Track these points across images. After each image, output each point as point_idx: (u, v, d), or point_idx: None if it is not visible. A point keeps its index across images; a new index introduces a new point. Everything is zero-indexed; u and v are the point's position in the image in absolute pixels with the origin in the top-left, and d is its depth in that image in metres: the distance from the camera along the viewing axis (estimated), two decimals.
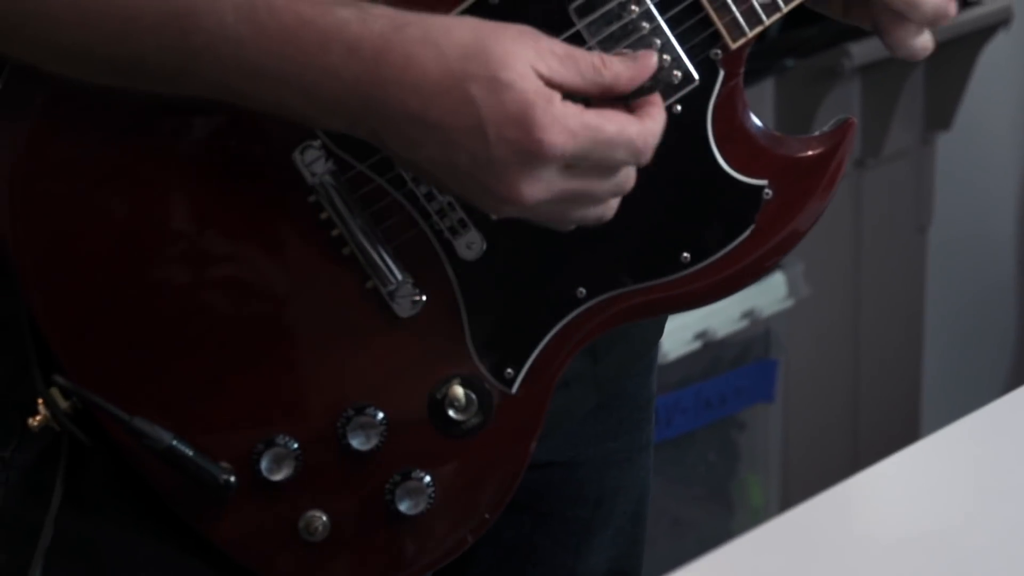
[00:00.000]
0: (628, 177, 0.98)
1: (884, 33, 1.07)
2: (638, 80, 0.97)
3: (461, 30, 0.94)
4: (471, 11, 1.00)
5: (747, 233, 1.05)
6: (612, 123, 0.95)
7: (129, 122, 1.01)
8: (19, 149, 1.01)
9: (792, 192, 1.05)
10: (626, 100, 0.97)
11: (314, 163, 1.01)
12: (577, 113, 0.94)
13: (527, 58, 0.94)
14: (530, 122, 0.93)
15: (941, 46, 3.17)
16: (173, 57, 0.95)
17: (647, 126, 0.97)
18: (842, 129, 1.07)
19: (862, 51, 2.60)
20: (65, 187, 1.01)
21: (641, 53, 0.98)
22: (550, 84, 0.94)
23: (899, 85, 2.85)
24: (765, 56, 2.55)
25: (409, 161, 0.97)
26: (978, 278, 3.32)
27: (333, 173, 1.01)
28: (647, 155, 0.97)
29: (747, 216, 1.05)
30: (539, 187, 0.95)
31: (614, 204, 0.99)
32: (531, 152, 0.93)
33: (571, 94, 0.95)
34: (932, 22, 1.05)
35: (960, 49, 2.87)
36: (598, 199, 0.98)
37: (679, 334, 2.49)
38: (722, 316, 2.55)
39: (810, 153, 1.06)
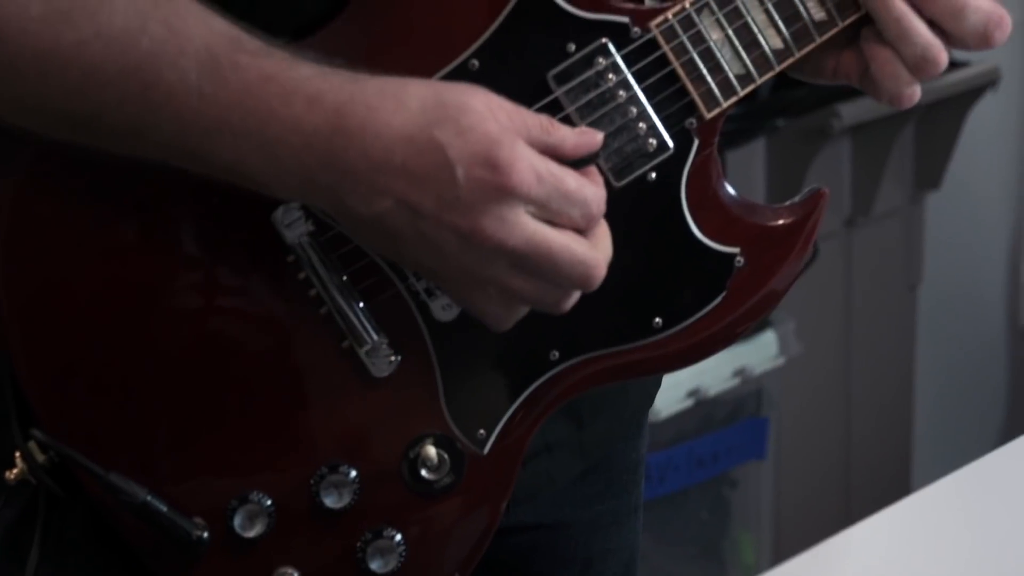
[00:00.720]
0: (588, 263, 0.98)
1: (874, 79, 1.07)
2: (582, 150, 0.98)
3: (416, 85, 0.96)
4: (451, 76, 1.02)
5: (718, 300, 1.06)
6: (572, 178, 0.97)
7: (111, 181, 1.02)
8: (2, 205, 1.03)
9: (763, 260, 1.07)
10: (573, 167, 0.99)
11: (293, 223, 1.02)
12: (542, 158, 0.96)
13: (482, 107, 0.95)
14: (497, 160, 0.94)
15: (930, 106, 3.20)
16: (132, 112, 0.95)
17: (598, 191, 0.98)
18: (813, 199, 1.08)
19: (852, 111, 2.63)
20: (47, 244, 1.03)
21: (589, 129, 1.00)
22: None
23: (889, 145, 2.87)
24: (756, 116, 2.57)
25: (367, 219, 0.96)
26: (968, 336, 3.32)
27: (312, 233, 1.02)
28: (596, 220, 0.98)
29: (719, 283, 1.06)
30: (503, 227, 0.95)
31: (571, 298, 1.00)
32: (499, 188, 0.94)
33: None
34: (922, 61, 1.05)
35: (949, 109, 2.89)
36: (556, 272, 0.97)
37: (671, 392, 2.50)
38: (714, 374, 2.56)
39: (781, 222, 1.08)
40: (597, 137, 0.99)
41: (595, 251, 0.98)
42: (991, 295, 3.37)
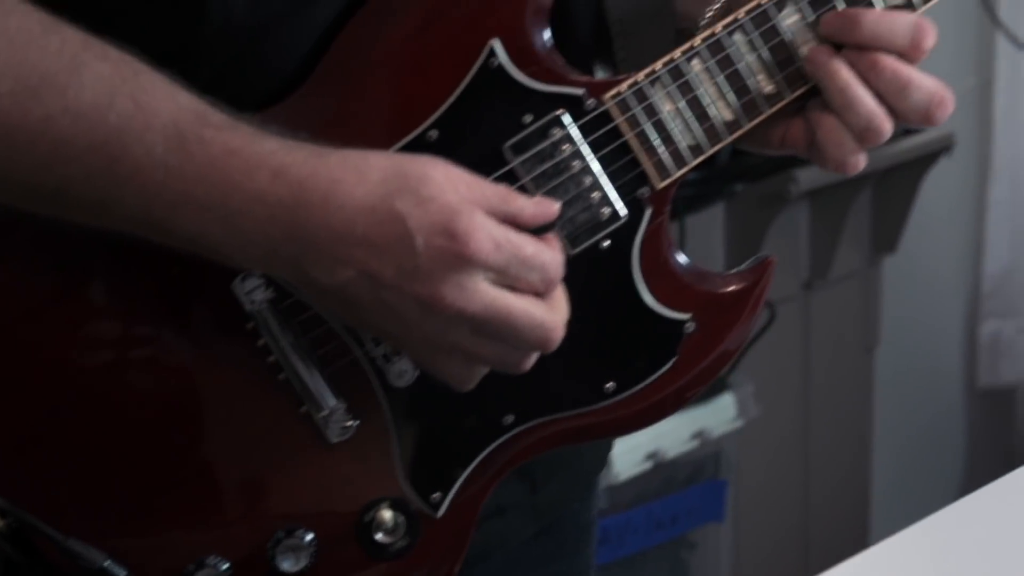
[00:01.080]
0: (546, 325, 1.00)
1: (820, 147, 1.09)
2: (539, 219, 1.00)
3: (377, 158, 0.99)
4: (411, 146, 1.04)
5: (670, 364, 1.08)
6: (530, 244, 0.99)
7: (71, 249, 1.03)
8: None
9: (713, 326, 1.09)
10: (531, 234, 1.00)
11: (253, 291, 1.04)
12: (500, 226, 0.98)
13: (441, 178, 0.98)
14: (457, 229, 0.96)
15: (886, 171, 3.23)
16: (99, 185, 0.97)
17: (556, 256, 1.00)
18: (762, 266, 1.10)
19: (809, 176, 2.65)
20: (4, 312, 1.04)
21: (546, 199, 1.02)
22: None
23: (846, 209, 2.89)
24: (715, 181, 2.59)
25: (329, 289, 0.98)
26: (925, 398, 3.34)
27: (271, 301, 1.04)
28: (554, 284, 1.00)
29: (670, 348, 1.08)
30: (462, 295, 0.97)
31: (530, 359, 1.01)
32: (458, 256, 0.96)
33: None
34: (866, 130, 1.07)
35: (905, 174, 2.93)
36: (515, 336, 0.99)
37: (630, 454, 2.51)
38: (673, 437, 2.57)
39: (731, 288, 1.10)
40: (554, 207, 1.02)
41: (553, 314, 1.00)
42: (948, 357, 3.39)
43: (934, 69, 1.05)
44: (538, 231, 1.01)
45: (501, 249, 0.97)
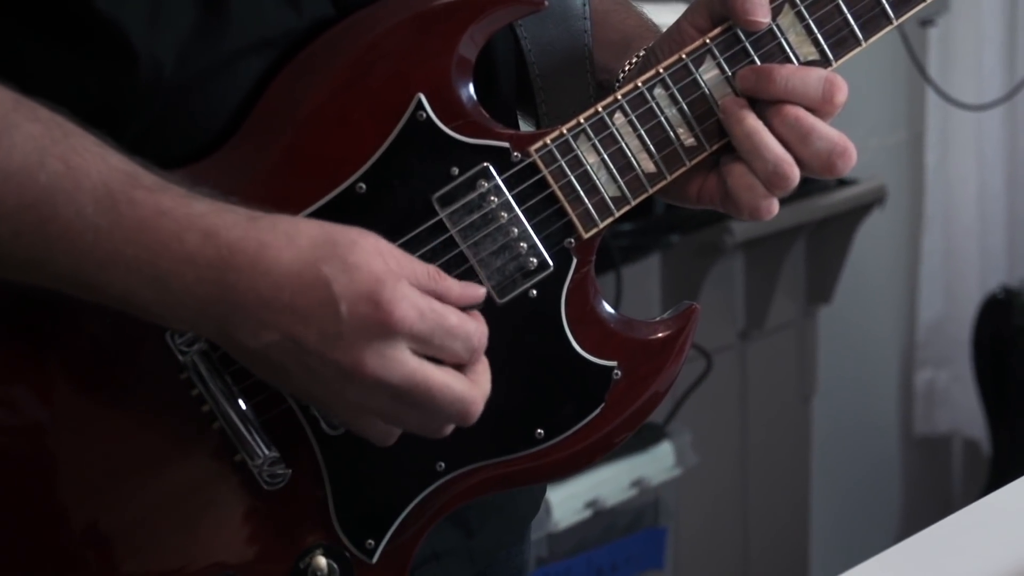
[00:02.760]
0: (465, 400, 1.01)
1: (732, 194, 1.10)
2: (466, 300, 1.03)
3: (308, 224, 1.00)
4: (339, 199, 1.06)
5: (597, 411, 1.10)
6: (454, 315, 1.01)
7: (5, 297, 1.03)
8: None
9: (640, 372, 1.11)
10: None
11: (186, 342, 1.05)
12: (424, 296, 1.00)
13: (371, 248, 0.99)
14: (381, 297, 0.97)
15: (820, 223, 3.26)
16: (29, 244, 0.98)
17: (480, 327, 1.02)
18: (686, 313, 1.12)
19: (744, 227, 2.68)
20: None
21: (472, 284, 1.05)
22: None
23: (780, 260, 2.92)
24: (651, 232, 2.62)
25: (255, 351, 1.00)
26: (862, 446, 3.37)
27: (204, 352, 1.05)
28: (478, 354, 1.02)
29: (598, 395, 1.10)
30: (383, 364, 0.98)
31: (448, 428, 1.03)
32: (381, 324, 0.98)
33: None
34: (774, 175, 1.09)
35: (838, 225, 2.96)
36: (435, 407, 1.01)
37: (570, 503, 2.52)
38: (612, 485, 2.58)
39: (657, 336, 1.12)
40: (480, 291, 1.04)
41: (474, 389, 1.02)
42: (884, 406, 3.43)
43: (868, 124, 1.08)
44: (464, 309, 1.03)
45: (424, 318, 0.99)
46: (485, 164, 1.07)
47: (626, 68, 1.15)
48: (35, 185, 0.97)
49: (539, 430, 1.10)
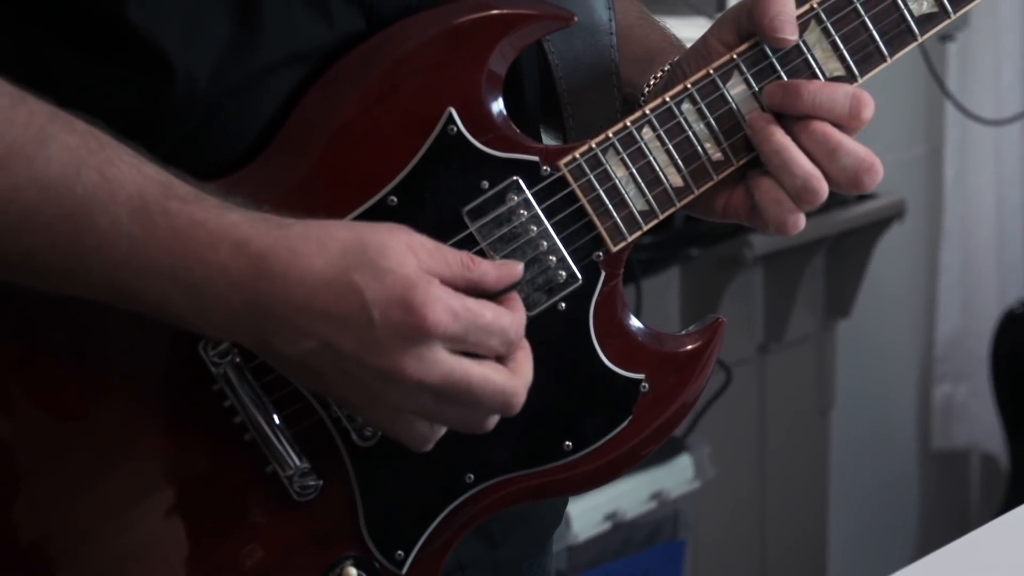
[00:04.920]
0: (507, 391, 1.01)
1: (759, 207, 1.11)
2: (504, 282, 1.03)
3: (338, 228, 1.00)
4: (370, 212, 1.07)
5: (625, 423, 1.11)
6: (488, 310, 1.01)
7: (37, 313, 1.05)
8: None
9: (667, 385, 1.12)
10: (491, 297, 1.03)
11: (219, 353, 1.06)
12: (457, 295, 1.00)
13: (402, 248, 0.99)
14: (413, 302, 0.98)
15: (839, 237, 3.27)
16: (65, 255, 0.99)
17: (516, 318, 1.03)
18: (712, 327, 1.13)
19: (764, 241, 2.69)
20: None
21: (509, 261, 1.05)
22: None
23: (800, 273, 2.92)
24: (671, 245, 2.62)
25: (291, 358, 1.00)
26: (880, 460, 3.36)
27: (237, 364, 1.06)
28: (516, 346, 1.02)
29: (625, 407, 1.11)
30: (421, 366, 0.99)
31: (492, 420, 1.04)
32: (415, 329, 0.98)
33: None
34: (803, 191, 1.09)
35: (857, 240, 2.96)
36: (476, 401, 1.01)
37: (589, 515, 2.53)
38: (631, 498, 2.59)
39: (684, 349, 1.12)
40: (517, 268, 1.04)
41: (514, 379, 1.02)
42: (902, 420, 3.42)
43: (887, 137, 1.08)
44: (501, 292, 1.03)
45: (459, 319, 0.99)
46: (515, 178, 1.08)
47: (651, 82, 1.16)
48: (72, 196, 0.98)
49: (567, 442, 1.11)
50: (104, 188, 0.98)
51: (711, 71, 1.11)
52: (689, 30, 1.40)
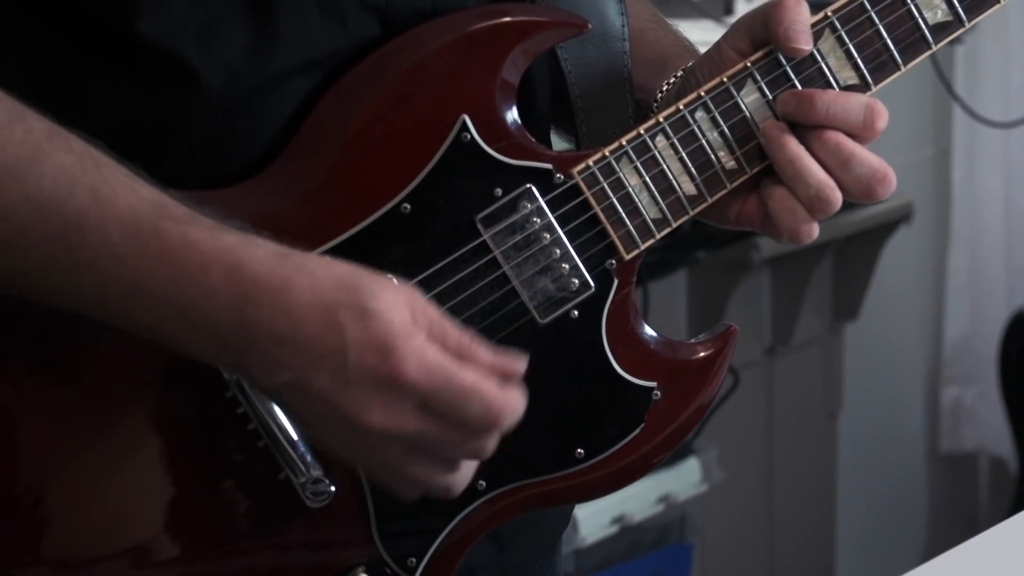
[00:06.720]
0: (482, 451, 0.99)
1: (772, 216, 1.11)
2: (496, 372, 0.98)
3: (339, 265, 0.99)
4: (384, 219, 1.07)
5: (637, 431, 1.11)
6: (471, 374, 0.97)
7: (45, 323, 1.04)
8: None
9: (679, 393, 1.12)
10: None
11: None
12: (437, 352, 0.97)
13: (398, 299, 0.97)
14: (390, 350, 0.95)
15: (847, 239, 3.27)
16: (58, 273, 0.98)
17: (508, 396, 0.98)
18: (724, 335, 1.13)
19: (771, 244, 2.68)
20: None
21: (510, 358, 0.99)
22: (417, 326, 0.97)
23: (807, 276, 2.93)
24: (678, 248, 2.63)
25: (269, 389, 1.00)
26: (888, 463, 3.37)
27: None
28: (502, 424, 0.98)
29: (638, 415, 1.11)
30: (388, 417, 0.96)
31: (465, 475, 1.01)
32: (386, 378, 0.96)
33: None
34: (816, 200, 1.10)
35: (865, 242, 2.96)
36: (446, 460, 0.99)
37: (597, 518, 2.53)
38: (639, 500, 2.59)
39: (696, 357, 1.13)
40: (518, 365, 0.99)
41: (487, 442, 0.99)
42: (910, 423, 3.42)
43: (895, 140, 1.09)
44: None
45: (432, 374, 0.96)
46: (528, 185, 1.08)
47: (664, 88, 1.16)
48: (63, 215, 0.97)
49: (579, 450, 1.11)
50: (96, 207, 0.97)
51: (725, 79, 1.11)
52: (696, 33, 1.40)
